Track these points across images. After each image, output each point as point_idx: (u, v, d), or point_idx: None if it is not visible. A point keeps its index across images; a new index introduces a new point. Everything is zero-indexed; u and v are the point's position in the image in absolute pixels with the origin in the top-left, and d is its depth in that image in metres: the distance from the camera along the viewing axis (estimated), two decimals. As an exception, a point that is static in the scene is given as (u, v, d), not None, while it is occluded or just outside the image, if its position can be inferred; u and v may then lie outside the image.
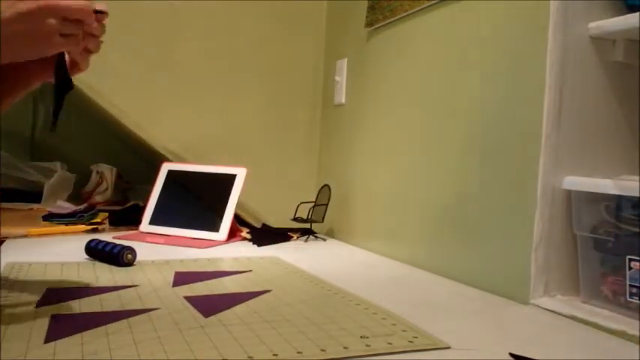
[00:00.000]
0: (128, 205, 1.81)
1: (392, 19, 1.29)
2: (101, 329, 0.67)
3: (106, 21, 0.73)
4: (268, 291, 0.90)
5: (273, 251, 1.29)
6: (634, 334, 0.73)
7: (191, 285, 0.92)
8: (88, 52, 0.74)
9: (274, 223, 1.59)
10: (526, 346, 0.68)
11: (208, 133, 1.59)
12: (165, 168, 1.52)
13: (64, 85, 0.78)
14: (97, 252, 1.07)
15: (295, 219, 1.46)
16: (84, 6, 0.66)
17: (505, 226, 0.95)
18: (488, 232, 0.98)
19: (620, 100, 0.92)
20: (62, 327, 0.67)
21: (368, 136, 1.40)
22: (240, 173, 1.44)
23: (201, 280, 0.95)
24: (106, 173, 2.05)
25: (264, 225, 1.59)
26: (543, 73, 0.88)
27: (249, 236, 1.45)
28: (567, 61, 0.89)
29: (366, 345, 0.65)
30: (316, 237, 1.51)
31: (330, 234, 1.56)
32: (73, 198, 1.92)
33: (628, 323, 0.76)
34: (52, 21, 0.64)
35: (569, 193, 0.89)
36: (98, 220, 1.56)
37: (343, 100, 1.54)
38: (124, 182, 2.15)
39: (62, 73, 0.77)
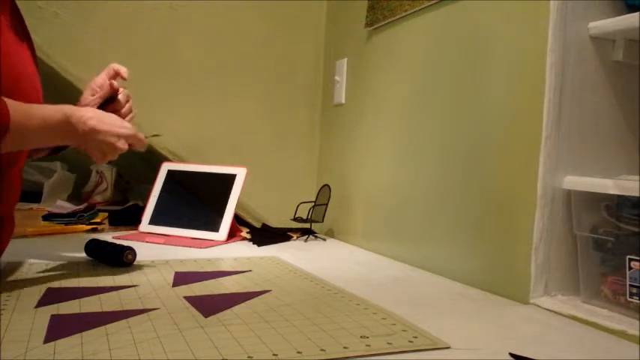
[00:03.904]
0: (128, 205, 1.81)
1: (392, 19, 1.29)
2: (101, 329, 0.67)
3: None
4: (268, 291, 0.90)
5: (273, 251, 1.29)
6: (634, 334, 0.73)
7: (191, 285, 0.92)
8: None
9: (274, 223, 1.60)
10: (526, 346, 0.68)
11: (208, 133, 1.59)
12: (165, 168, 1.52)
13: None
14: (97, 252, 1.07)
15: (295, 219, 1.46)
16: (141, 138, 0.93)
17: (505, 226, 0.95)
18: (488, 232, 0.98)
19: (620, 100, 0.92)
20: (62, 327, 0.67)
21: (368, 136, 1.40)
22: (240, 173, 1.44)
23: (201, 280, 0.95)
24: (105, 173, 2.05)
25: (264, 225, 1.59)
26: (543, 73, 0.88)
27: (249, 236, 1.45)
28: (567, 61, 0.89)
29: (366, 345, 0.65)
30: (316, 237, 1.51)
31: (330, 234, 1.56)
32: (72, 198, 1.92)
33: (628, 323, 0.76)
34: (120, 142, 0.89)
35: (569, 193, 0.89)
36: (98, 220, 1.56)
37: (343, 100, 1.54)
38: (123, 182, 2.14)
39: None
